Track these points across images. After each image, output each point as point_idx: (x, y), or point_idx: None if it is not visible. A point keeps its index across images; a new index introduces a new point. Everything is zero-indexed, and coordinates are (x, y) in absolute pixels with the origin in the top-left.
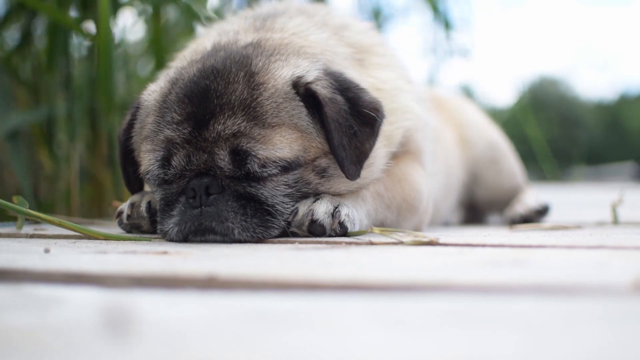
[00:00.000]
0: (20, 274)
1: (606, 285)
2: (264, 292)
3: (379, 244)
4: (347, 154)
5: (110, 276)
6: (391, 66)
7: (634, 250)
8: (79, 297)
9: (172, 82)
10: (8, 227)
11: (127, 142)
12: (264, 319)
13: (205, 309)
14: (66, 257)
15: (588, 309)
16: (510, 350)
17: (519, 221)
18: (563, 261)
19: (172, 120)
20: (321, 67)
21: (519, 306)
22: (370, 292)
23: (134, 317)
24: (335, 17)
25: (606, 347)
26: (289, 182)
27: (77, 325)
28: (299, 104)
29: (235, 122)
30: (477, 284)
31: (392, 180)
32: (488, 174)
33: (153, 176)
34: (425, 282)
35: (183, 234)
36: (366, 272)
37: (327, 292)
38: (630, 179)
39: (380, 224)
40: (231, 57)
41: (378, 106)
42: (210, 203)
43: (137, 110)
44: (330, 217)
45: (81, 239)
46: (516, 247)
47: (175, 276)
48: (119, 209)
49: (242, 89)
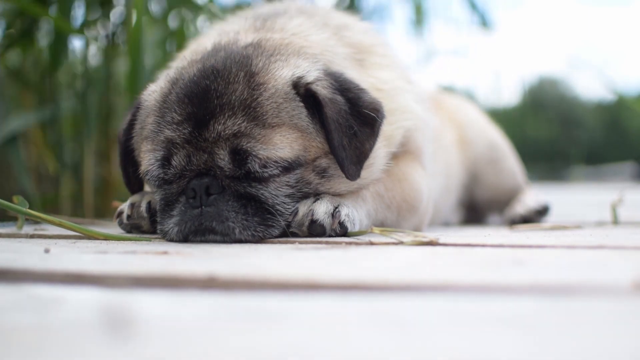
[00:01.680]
0: (20, 274)
1: (606, 285)
2: (264, 292)
3: (379, 244)
4: (347, 154)
5: (110, 276)
6: (391, 66)
7: (634, 250)
8: (79, 297)
9: (172, 82)
10: (8, 227)
11: (127, 142)
12: (264, 319)
13: (206, 309)
14: (66, 257)
15: (588, 309)
16: (510, 350)
17: (519, 221)
18: (563, 261)
19: (172, 120)
20: (321, 67)
21: (519, 306)
22: (370, 292)
23: (134, 317)
24: (336, 17)
25: (606, 347)
26: (289, 182)
27: (77, 325)
28: (299, 104)
29: (236, 122)
30: (477, 284)
31: (392, 181)
32: (488, 174)
33: (153, 176)
34: (425, 282)
35: (183, 234)
36: (366, 272)
37: (327, 292)
38: (630, 179)
39: (380, 224)
40: (231, 57)
41: (378, 106)
42: (211, 203)
43: (137, 111)
44: (330, 217)
45: (81, 239)
46: (516, 247)
47: (176, 276)
48: (119, 209)
49: (242, 89)
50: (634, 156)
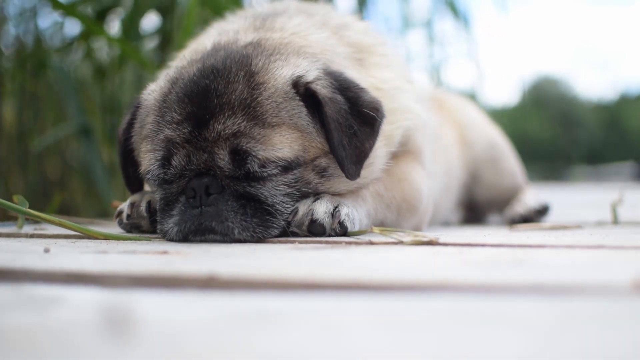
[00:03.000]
0: (20, 273)
1: (606, 285)
2: (264, 292)
3: (379, 244)
4: (347, 153)
5: (110, 276)
6: (391, 66)
7: (634, 250)
8: (79, 297)
9: (172, 82)
10: (8, 227)
11: (127, 142)
12: (264, 319)
13: (205, 309)
14: (66, 257)
15: (588, 309)
16: (510, 350)
17: (519, 221)
18: (563, 261)
19: (172, 119)
20: (321, 66)
21: (519, 306)
22: (370, 292)
23: (134, 317)
24: (335, 16)
25: (606, 347)
26: (288, 182)
27: (77, 325)
28: (299, 104)
29: (235, 122)
30: (477, 283)
31: (392, 180)
32: (488, 174)
33: (153, 176)
34: (425, 282)
35: (183, 233)
36: (366, 272)
37: (327, 292)
38: (630, 179)
39: (380, 223)
40: (231, 56)
41: (378, 106)
42: (210, 203)
43: (136, 110)
44: (330, 217)
45: (81, 238)
46: (516, 247)
47: (175, 276)
48: (118, 209)
49: (242, 88)
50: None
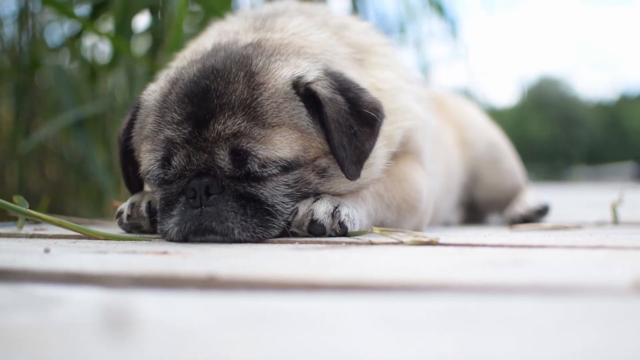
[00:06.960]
0: (20, 274)
1: (606, 285)
2: (264, 292)
3: (379, 244)
4: (347, 154)
5: (110, 276)
6: (391, 66)
7: (634, 250)
8: (79, 297)
9: (172, 82)
10: (8, 227)
11: (127, 142)
12: (264, 319)
13: (205, 309)
14: (66, 257)
15: (588, 309)
16: (510, 350)
17: (519, 221)
18: (563, 261)
19: (172, 120)
20: (321, 67)
21: (519, 306)
22: (370, 292)
23: (134, 317)
24: (335, 17)
25: (606, 347)
26: (289, 182)
27: (77, 325)
28: (299, 104)
29: (236, 122)
30: (477, 284)
31: (392, 180)
32: (488, 174)
33: (153, 176)
34: (425, 282)
35: (183, 233)
36: (366, 272)
37: (327, 292)
38: (630, 179)
39: (380, 224)
40: (231, 57)
41: (378, 106)
42: (210, 203)
43: (137, 110)
44: (330, 217)
45: (81, 239)
46: (516, 247)
47: (175, 276)
48: (119, 209)
49: (242, 89)
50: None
